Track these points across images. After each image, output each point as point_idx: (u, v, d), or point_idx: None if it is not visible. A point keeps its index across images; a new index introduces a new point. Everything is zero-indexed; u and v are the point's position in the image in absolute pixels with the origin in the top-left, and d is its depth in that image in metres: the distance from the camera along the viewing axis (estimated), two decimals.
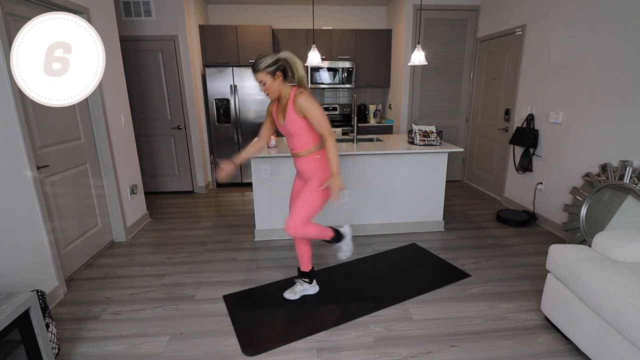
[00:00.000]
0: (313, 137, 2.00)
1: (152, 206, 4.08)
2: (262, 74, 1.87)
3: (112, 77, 3.16)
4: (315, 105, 1.91)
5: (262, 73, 1.86)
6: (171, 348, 1.90)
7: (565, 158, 3.16)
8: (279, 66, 1.88)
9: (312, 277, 2.35)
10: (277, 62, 1.88)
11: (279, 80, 1.91)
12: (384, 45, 5.01)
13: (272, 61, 1.86)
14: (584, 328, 1.70)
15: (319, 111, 1.91)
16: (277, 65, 1.87)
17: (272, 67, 1.86)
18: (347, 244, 2.29)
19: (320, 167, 2.03)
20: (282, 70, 1.91)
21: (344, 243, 2.27)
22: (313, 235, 2.10)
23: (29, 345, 1.53)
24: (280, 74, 1.90)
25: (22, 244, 2.09)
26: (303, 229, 2.02)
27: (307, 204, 2.01)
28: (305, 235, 2.09)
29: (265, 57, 1.87)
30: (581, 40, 2.94)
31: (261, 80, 1.89)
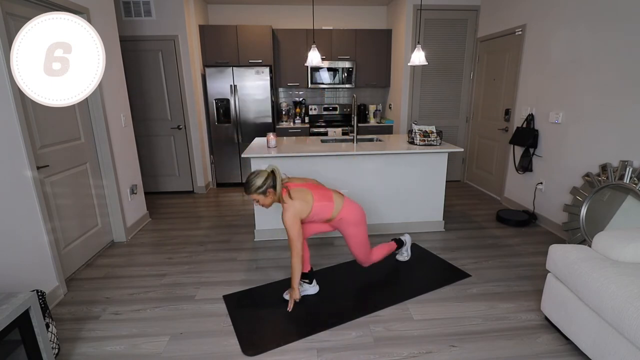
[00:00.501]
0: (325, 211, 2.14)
1: (152, 206, 4.08)
2: (254, 195, 2.06)
3: (112, 77, 3.16)
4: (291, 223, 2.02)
5: (255, 195, 2.05)
6: (171, 348, 1.90)
7: (565, 158, 3.16)
8: (269, 185, 2.04)
9: (312, 278, 2.37)
10: (266, 181, 2.03)
11: (271, 195, 2.07)
12: (384, 45, 5.01)
13: (262, 182, 2.03)
14: (584, 328, 1.70)
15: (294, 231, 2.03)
16: (266, 185, 2.03)
17: (263, 187, 2.03)
18: (407, 249, 2.78)
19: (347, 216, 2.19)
20: (272, 186, 2.06)
21: (404, 249, 2.77)
22: (383, 256, 2.50)
23: (29, 345, 1.53)
24: (272, 191, 2.06)
25: (22, 244, 2.09)
26: (371, 257, 2.41)
27: (358, 241, 2.27)
28: (378, 259, 2.47)
29: (256, 179, 2.03)
30: (581, 40, 2.94)
31: (255, 199, 2.08)
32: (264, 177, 2.03)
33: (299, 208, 2.04)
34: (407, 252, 2.78)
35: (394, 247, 2.63)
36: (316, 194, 2.12)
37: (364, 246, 2.31)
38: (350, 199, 2.27)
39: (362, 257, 2.35)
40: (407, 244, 2.76)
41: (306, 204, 2.07)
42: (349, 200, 2.24)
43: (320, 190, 2.17)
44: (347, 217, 2.18)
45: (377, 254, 2.46)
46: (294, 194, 2.07)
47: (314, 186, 2.20)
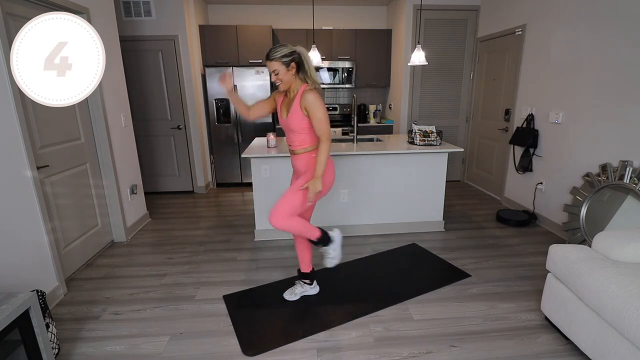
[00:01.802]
0: (312, 136, 1.99)
1: (152, 206, 4.08)
2: (277, 63, 1.85)
3: (112, 77, 3.16)
4: (321, 106, 1.88)
5: (277, 62, 1.84)
6: (171, 348, 1.90)
7: (565, 158, 3.16)
8: (294, 58, 1.88)
9: (313, 278, 2.35)
10: (293, 54, 1.87)
11: (292, 72, 1.89)
12: (384, 45, 5.01)
13: (288, 52, 1.86)
14: (584, 328, 1.70)
15: (323, 113, 1.89)
16: (292, 57, 1.87)
17: (288, 57, 1.85)
18: (336, 249, 2.13)
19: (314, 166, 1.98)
20: (297, 63, 1.89)
21: (331, 248, 2.12)
22: (296, 230, 2.01)
23: (29, 345, 1.53)
24: (295, 66, 1.89)
25: (22, 244, 2.09)
26: (285, 221, 1.95)
27: (292, 198, 1.97)
28: (289, 228, 1.99)
29: (282, 47, 1.86)
30: (581, 40, 2.94)
31: (274, 70, 1.86)
32: (291, 49, 1.87)
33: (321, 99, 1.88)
34: (335, 252, 2.13)
35: (314, 234, 2.04)
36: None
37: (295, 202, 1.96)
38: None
39: (278, 210, 1.94)
40: (337, 242, 2.14)
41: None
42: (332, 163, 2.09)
43: None
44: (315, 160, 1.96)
45: (295, 224, 1.98)
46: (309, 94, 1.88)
47: None
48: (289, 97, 2.00)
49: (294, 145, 2.04)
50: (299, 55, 1.90)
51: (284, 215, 1.95)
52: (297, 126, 1.96)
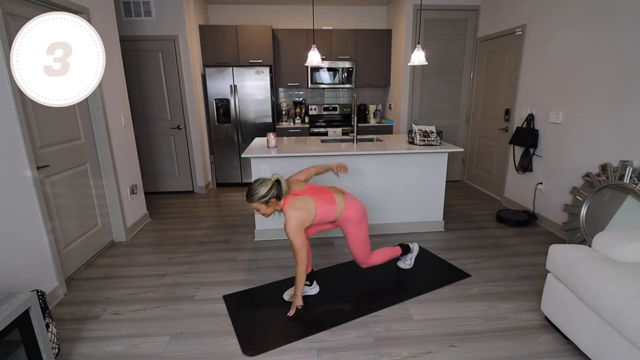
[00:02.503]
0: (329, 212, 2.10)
1: (152, 206, 4.08)
2: (256, 204, 2.02)
3: (112, 77, 3.16)
4: (297, 235, 1.98)
5: (256, 203, 2.01)
6: (171, 348, 1.90)
7: (565, 158, 3.16)
8: (272, 195, 1.99)
9: (313, 279, 2.36)
10: (270, 191, 1.99)
11: (273, 205, 2.04)
12: (384, 45, 5.01)
13: (266, 192, 1.98)
14: (584, 328, 1.70)
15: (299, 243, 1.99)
16: (270, 195, 1.99)
17: (266, 197, 1.98)
18: (412, 258, 2.66)
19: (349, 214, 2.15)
20: (276, 196, 2.01)
21: (409, 256, 2.64)
22: (383, 260, 2.42)
23: (29, 345, 1.53)
24: (274, 201, 2.02)
25: (22, 244, 2.09)
26: (370, 259, 2.34)
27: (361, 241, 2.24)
28: (377, 262, 2.39)
29: (260, 187, 1.99)
30: (581, 40, 2.94)
31: (255, 208, 2.04)
32: (269, 186, 1.98)
33: (301, 219, 1.99)
34: (411, 261, 2.66)
35: (397, 253, 2.54)
36: (319, 200, 2.06)
37: (365, 245, 2.27)
38: (352, 196, 2.24)
39: (361, 257, 2.30)
40: (414, 253, 2.66)
41: (309, 214, 2.02)
42: (351, 198, 2.20)
43: (322, 194, 2.11)
44: (349, 216, 2.14)
45: (378, 257, 2.39)
46: (297, 203, 2.02)
47: (314, 190, 2.13)
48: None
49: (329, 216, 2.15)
50: (276, 189, 2.01)
51: (366, 257, 2.31)
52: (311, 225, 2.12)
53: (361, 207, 2.21)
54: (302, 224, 2.00)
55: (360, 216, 2.18)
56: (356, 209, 2.17)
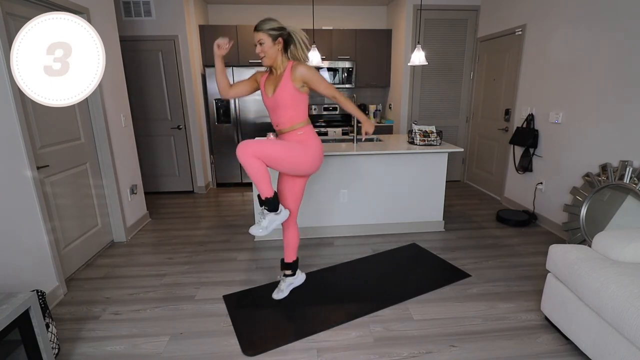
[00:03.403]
0: (301, 113, 1.96)
1: (152, 206, 4.08)
2: (264, 34, 1.84)
3: (112, 77, 3.16)
4: (319, 74, 1.91)
5: (264, 33, 1.84)
6: (171, 348, 1.90)
7: (565, 158, 3.16)
8: (282, 34, 1.87)
9: (295, 268, 2.28)
10: (282, 29, 1.88)
11: (278, 48, 1.88)
12: (384, 45, 5.01)
13: (277, 26, 1.86)
14: (584, 328, 1.70)
15: (325, 79, 1.91)
16: (280, 32, 1.86)
17: (276, 31, 1.85)
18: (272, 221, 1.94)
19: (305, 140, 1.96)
20: (285, 40, 1.89)
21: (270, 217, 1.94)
22: (254, 171, 1.84)
23: (29, 345, 1.53)
24: (282, 42, 1.88)
25: (22, 244, 2.09)
26: (250, 157, 1.80)
27: (270, 144, 1.90)
28: (249, 166, 1.82)
29: (271, 21, 1.87)
30: (581, 40, 2.94)
31: (260, 40, 1.85)
32: (283, 26, 1.88)
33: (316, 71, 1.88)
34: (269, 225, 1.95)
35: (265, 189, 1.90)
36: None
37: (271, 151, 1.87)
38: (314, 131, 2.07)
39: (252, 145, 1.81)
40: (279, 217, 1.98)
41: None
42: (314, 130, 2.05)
43: None
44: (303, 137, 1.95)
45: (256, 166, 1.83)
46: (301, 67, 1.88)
47: None
48: (275, 75, 1.97)
49: (282, 124, 1.97)
50: (288, 33, 1.90)
51: (253, 151, 1.81)
52: (286, 101, 1.90)
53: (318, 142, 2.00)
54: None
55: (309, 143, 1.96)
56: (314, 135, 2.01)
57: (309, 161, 2.00)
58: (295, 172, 2.04)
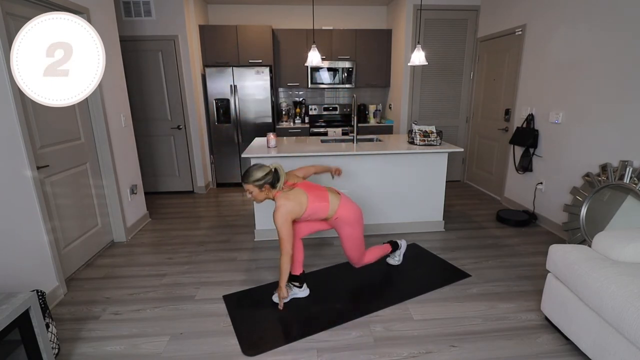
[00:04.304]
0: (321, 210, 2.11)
1: (152, 206, 4.08)
2: (250, 186, 2.03)
3: (112, 77, 3.16)
4: (283, 225, 2.00)
5: (250, 185, 2.02)
6: (171, 348, 1.90)
7: (565, 158, 3.16)
8: (267, 180, 2.03)
9: (303, 281, 2.34)
10: (266, 177, 2.02)
11: (266, 192, 2.06)
12: (384, 45, 5.01)
13: (262, 175, 2.02)
14: (584, 328, 1.70)
15: (285, 233, 2.00)
16: (265, 180, 2.02)
17: (261, 181, 2.01)
18: (400, 254, 2.71)
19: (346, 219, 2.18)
20: (270, 183, 2.04)
21: (397, 252, 2.69)
22: (375, 258, 2.47)
23: (29, 345, 1.53)
24: (268, 187, 2.04)
25: (22, 244, 2.09)
26: (364, 259, 2.38)
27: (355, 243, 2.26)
28: (370, 261, 2.43)
29: (256, 171, 2.03)
30: (581, 40, 2.94)
31: (248, 190, 2.05)
32: (265, 172, 2.02)
33: (290, 209, 2.01)
34: (400, 257, 2.72)
35: (388, 250, 2.59)
36: (311, 195, 2.08)
37: (359, 246, 2.29)
38: (347, 197, 2.24)
39: (355, 258, 2.33)
40: (402, 249, 2.72)
41: (299, 206, 2.04)
42: (345, 199, 2.21)
43: (315, 191, 2.12)
44: (343, 217, 2.16)
45: (370, 256, 2.43)
46: (289, 193, 2.05)
47: (309, 186, 2.15)
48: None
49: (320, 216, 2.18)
50: (272, 175, 2.05)
51: (360, 257, 2.35)
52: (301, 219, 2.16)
53: (356, 209, 2.22)
54: (291, 214, 2.02)
55: (354, 218, 2.20)
56: (350, 210, 2.18)
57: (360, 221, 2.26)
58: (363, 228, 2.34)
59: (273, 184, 2.05)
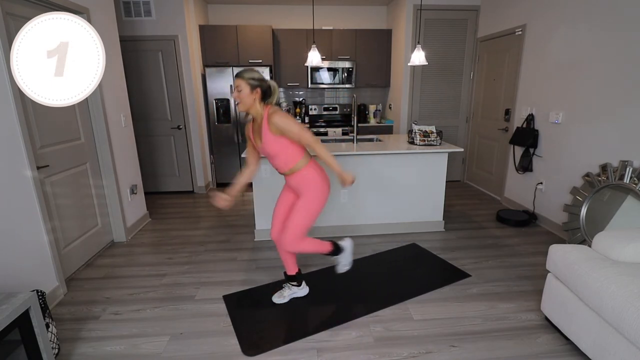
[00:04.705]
0: (293, 154, 1.98)
1: (152, 206, 4.08)
2: (243, 82, 1.88)
3: (112, 77, 3.16)
4: (291, 121, 1.91)
5: (244, 81, 1.88)
6: (171, 348, 1.90)
7: (565, 158, 3.16)
8: (262, 86, 1.91)
9: (300, 280, 2.33)
10: (262, 81, 1.92)
11: (255, 97, 1.91)
12: (384, 45, 5.01)
13: (258, 77, 1.91)
14: (584, 328, 1.70)
15: (297, 125, 1.91)
16: (259, 83, 1.90)
17: (255, 82, 1.89)
18: (347, 257, 2.27)
19: (310, 181, 2.01)
20: (263, 91, 1.93)
21: (342, 257, 2.26)
22: (309, 250, 2.09)
23: (29, 345, 1.53)
24: (259, 92, 1.91)
25: (22, 244, 2.09)
26: (299, 244, 2.03)
27: (301, 220, 2.00)
28: (301, 251, 2.07)
29: (254, 72, 1.92)
30: (581, 40, 2.94)
31: (238, 86, 1.89)
32: (263, 77, 1.92)
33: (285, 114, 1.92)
34: (348, 260, 2.28)
35: (326, 249, 2.16)
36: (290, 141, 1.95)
37: (304, 224, 2.02)
38: (318, 163, 2.08)
39: (291, 235, 2.00)
40: (346, 251, 2.26)
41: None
42: (317, 163, 2.06)
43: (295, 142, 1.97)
44: (309, 177, 1.99)
45: (308, 245, 2.08)
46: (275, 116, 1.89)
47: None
48: (257, 124, 2.00)
49: (281, 168, 2.05)
50: (267, 86, 1.94)
51: (297, 238, 2.02)
52: (274, 150, 1.96)
53: (324, 176, 2.05)
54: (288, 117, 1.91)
55: (320, 183, 2.01)
56: (318, 172, 2.02)
57: (325, 195, 2.06)
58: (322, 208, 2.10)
59: (265, 94, 1.93)
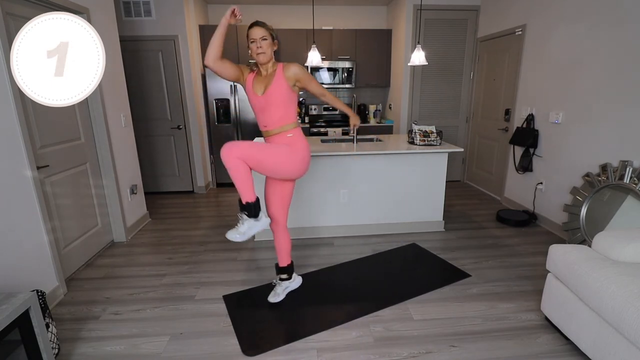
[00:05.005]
0: (291, 113, 1.99)
1: (152, 206, 4.08)
2: (267, 32, 1.88)
3: (112, 77, 3.16)
4: (309, 73, 1.98)
5: (267, 30, 1.88)
6: (171, 348, 1.90)
7: (566, 158, 3.16)
8: (277, 38, 1.98)
9: (291, 271, 2.31)
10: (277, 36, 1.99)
11: (272, 50, 1.94)
12: (384, 45, 5.01)
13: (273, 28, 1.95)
14: (584, 328, 1.70)
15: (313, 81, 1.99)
16: (276, 34, 1.96)
17: (274, 32, 1.94)
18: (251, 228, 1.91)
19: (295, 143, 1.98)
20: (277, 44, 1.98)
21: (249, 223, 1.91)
22: (237, 174, 1.84)
23: (29, 345, 1.53)
24: (277, 44, 1.97)
25: (22, 244, 2.09)
26: (234, 159, 1.80)
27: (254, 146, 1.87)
28: (233, 168, 1.81)
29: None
30: (581, 40, 2.94)
31: (263, 36, 1.86)
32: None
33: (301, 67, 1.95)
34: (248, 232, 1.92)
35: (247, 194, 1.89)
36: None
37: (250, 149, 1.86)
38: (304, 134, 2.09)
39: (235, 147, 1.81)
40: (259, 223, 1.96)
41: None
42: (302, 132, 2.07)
43: None
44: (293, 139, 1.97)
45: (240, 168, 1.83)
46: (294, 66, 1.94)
47: None
48: (263, 75, 1.97)
49: (271, 124, 1.97)
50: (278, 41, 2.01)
51: (239, 153, 1.80)
52: (279, 99, 1.92)
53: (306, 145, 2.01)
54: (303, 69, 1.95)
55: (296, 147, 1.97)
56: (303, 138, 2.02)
57: (296, 164, 2.01)
58: (282, 175, 2.04)
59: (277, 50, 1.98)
